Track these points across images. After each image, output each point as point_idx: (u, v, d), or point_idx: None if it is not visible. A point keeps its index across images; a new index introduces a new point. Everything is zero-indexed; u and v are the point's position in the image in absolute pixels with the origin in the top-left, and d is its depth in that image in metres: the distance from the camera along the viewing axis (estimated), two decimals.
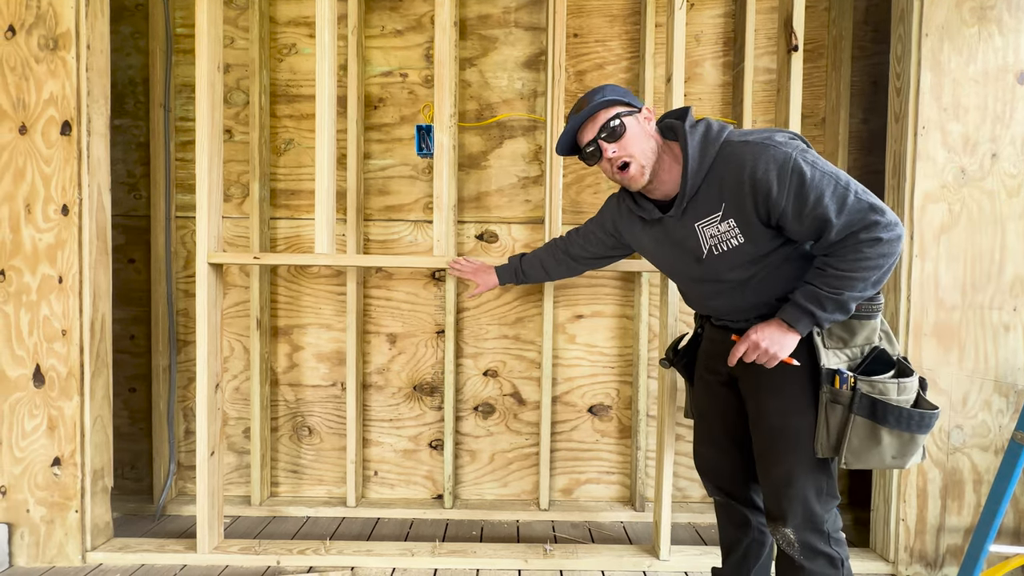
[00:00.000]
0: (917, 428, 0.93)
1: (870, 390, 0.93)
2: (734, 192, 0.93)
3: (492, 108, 1.81)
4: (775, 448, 1.02)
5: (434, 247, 1.47)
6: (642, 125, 1.02)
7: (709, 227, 0.99)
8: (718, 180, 0.96)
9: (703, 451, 1.23)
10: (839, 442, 0.95)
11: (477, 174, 1.83)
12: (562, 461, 1.87)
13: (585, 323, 1.85)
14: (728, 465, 1.18)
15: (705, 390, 1.19)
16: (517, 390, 1.85)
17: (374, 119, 1.82)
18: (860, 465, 0.96)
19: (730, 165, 0.94)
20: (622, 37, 1.81)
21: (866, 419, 0.93)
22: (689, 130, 0.99)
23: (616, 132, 1.00)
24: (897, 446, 0.94)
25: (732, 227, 0.97)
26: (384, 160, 1.82)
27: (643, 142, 1.01)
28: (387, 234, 1.83)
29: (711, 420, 1.19)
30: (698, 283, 1.10)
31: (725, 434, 1.16)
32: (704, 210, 0.99)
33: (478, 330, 1.84)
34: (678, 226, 1.04)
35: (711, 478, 1.22)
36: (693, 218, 1.01)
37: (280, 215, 1.82)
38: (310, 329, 1.84)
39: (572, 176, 1.82)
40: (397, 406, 1.85)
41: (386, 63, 1.81)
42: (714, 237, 0.99)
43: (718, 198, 0.96)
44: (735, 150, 0.94)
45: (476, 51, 1.81)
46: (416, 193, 1.83)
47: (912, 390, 0.95)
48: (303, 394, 1.85)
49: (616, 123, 0.99)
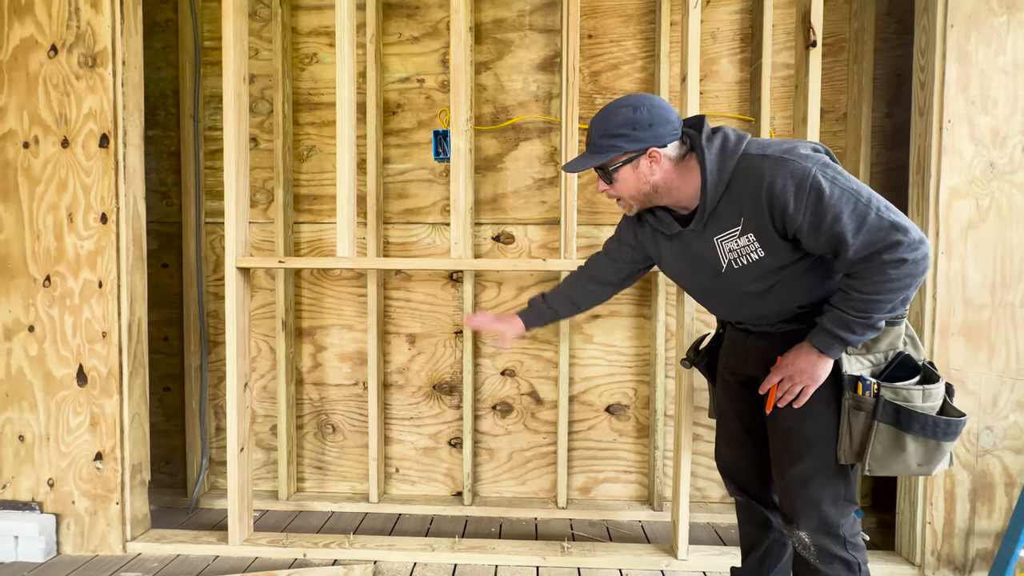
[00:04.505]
0: (943, 436, 0.91)
1: (894, 397, 0.91)
2: (752, 207, 0.92)
3: (507, 111, 1.84)
4: (791, 450, 1.01)
5: (451, 249, 1.50)
6: (640, 171, 1.00)
7: (728, 241, 0.97)
8: (737, 195, 0.94)
9: (724, 450, 1.23)
10: (862, 449, 0.94)
11: (493, 176, 1.85)
12: (580, 460, 1.88)
13: (602, 322, 1.85)
14: (748, 464, 1.17)
15: (725, 389, 1.19)
16: (534, 389, 1.88)
17: (392, 124, 1.86)
18: (884, 472, 0.94)
19: (748, 180, 0.92)
20: (637, 37, 1.81)
21: (890, 426, 0.91)
22: (706, 144, 0.96)
23: (605, 180, 1.04)
24: (923, 453, 0.92)
25: (751, 241, 0.95)
26: (403, 164, 1.87)
27: (635, 186, 1.01)
28: (406, 236, 1.87)
29: (730, 419, 1.19)
30: (717, 296, 1.09)
31: (745, 433, 1.16)
32: (723, 224, 0.97)
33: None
34: (698, 240, 1.02)
35: (732, 477, 1.23)
36: (712, 232, 0.99)
37: (303, 219, 1.88)
38: (333, 330, 1.90)
39: (587, 176, 1.83)
40: (417, 405, 1.90)
41: (404, 69, 1.85)
42: (733, 252, 0.97)
43: (737, 212, 0.94)
44: (753, 164, 0.92)
45: (491, 55, 1.83)
46: (434, 196, 1.86)
47: (938, 397, 0.92)
48: (327, 393, 1.91)
49: (605, 174, 1.03)
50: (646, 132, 0.97)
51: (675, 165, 1.00)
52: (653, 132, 0.97)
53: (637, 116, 0.97)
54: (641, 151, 0.98)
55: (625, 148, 0.98)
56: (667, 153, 0.99)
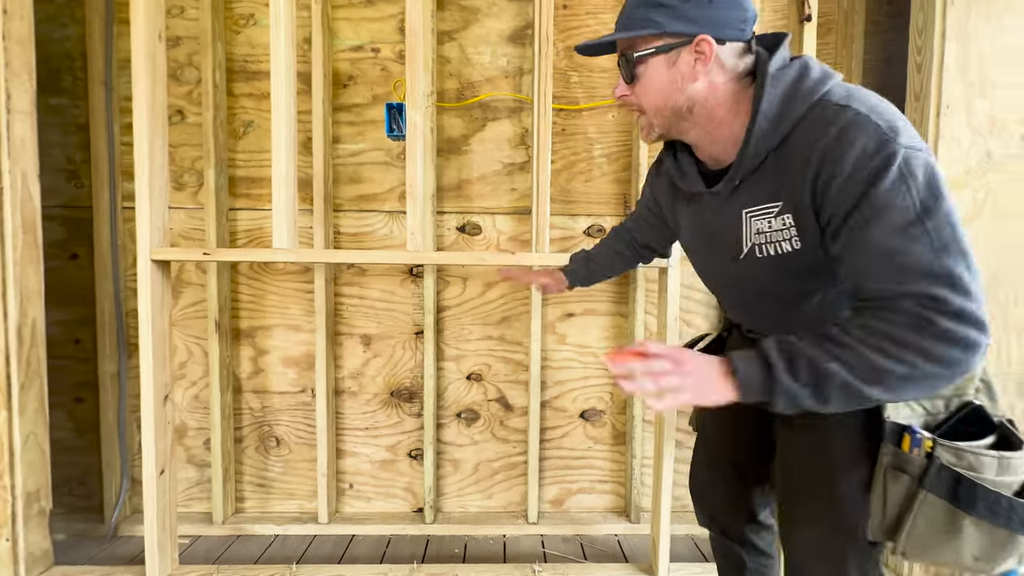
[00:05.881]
0: (1020, 525, 0.64)
1: (954, 461, 0.65)
2: (800, 174, 0.64)
3: (474, 87, 1.65)
4: (800, 507, 0.78)
5: (408, 241, 1.31)
6: (678, 68, 0.69)
7: (759, 219, 0.70)
8: (791, 154, 0.65)
9: (701, 474, 1.03)
10: (898, 524, 0.68)
11: (458, 160, 1.67)
12: (552, 470, 1.74)
13: (576, 322, 1.71)
14: (727, 497, 0.98)
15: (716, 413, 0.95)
16: (503, 395, 1.72)
17: (343, 99, 1.65)
18: (923, 559, 0.69)
19: (811, 134, 0.63)
20: (615, 9, 1.65)
21: (943, 500, 0.66)
22: (773, 74, 0.66)
23: (628, 75, 0.72)
24: (984, 544, 0.66)
25: (788, 226, 0.67)
26: (355, 144, 1.66)
27: (665, 92, 0.70)
28: (359, 226, 1.67)
29: (715, 442, 1.00)
30: (730, 289, 0.84)
31: (729, 463, 0.96)
32: (761, 193, 0.69)
33: (460, 331, 1.69)
34: (722, 208, 0.75)
35: (705, 507, 1.02)
36: (743, 201, 0.71)
37: (240, 205, 1.65)
38: (276, 331, 1.68)
39: (562, 162, 1.67)
40: (373, 413, 1.71)
41: (356, 36, 1.63)
42: (762, 234, 0.70)
43: (783, 181, 0.66)
44: (827, 113, 0.62)
45: (456, 23, 1.64)
46: (391, 181, 1.66)
47: (1019, 470, 0.66)
48: (270, 401, 1.70)
49: (627, 64, 0.71)
50: (702, 10, 0.67)
51: (728, 81, 0.69)
52: (711, 14, 0.67)
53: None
54: (687, 37, 0.67)
55: (664, 26, 0.67)
56: (722, 55, 0.68)
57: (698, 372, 0.62)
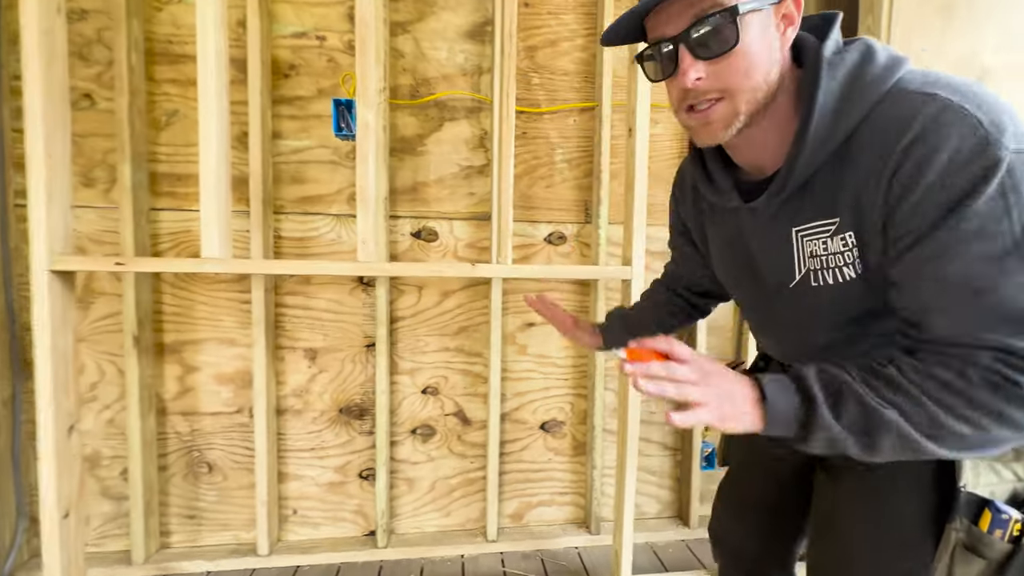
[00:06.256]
0: None
1: None
2: (870, 179, 0.50)
3: (429, 84, 1.55)
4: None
5: (359, 250, 1.20)
6: (768, 33, 0.54)
7: (813, 239, 0.56)
8: (857, 158, 0.51)
9: (727, 522, 0.89)
10: None
11: (412, 161, 1.57)
12: (512, 484, 1.68)
13: (536, 331, 1.66)
14: (755, 549, 0.86)
15: (751, 450, 0.83)
16: (461, 409, 1.64)
17: (285, 90, 1.50)
18: None
19: (884, 131, 0.49)
20: (578, 11, 1.61)
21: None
22: (829, 59, 0.53)
23: (721, 40, 0.52)
24: None
25: (849, 247, 0.54)
26: (299, 141, 1.51)
27: (765, 67, 0.54)
28: (303, 230, 1.53)
29: (746, 489, 0.86)
30: (778, 327, 0.69)
31: (762, 514, 0.83)
32: (815, 208, 0.56)
33: (415, 342, 1.60)
34: (764, 227, 0.62)
35: (730, 555, 0.90)
36: (792, 217, 0.58)
37: (163, 205, 1.47)
38: (207, 345, 1.51)
39: (522, 167, 1.61)
40: (320, 433, 1.58)
41: (299, 22, 1.49)
42: (816, 258, 0.57)
43: (844, 191, 0.53)
44: (906, 105, 0.48)
45: (411, 14, 1.53)
46: (339, 181, 1.54)
47: None
48: (200, 424, 1.53)
49: (723, 24, 0.51)
50: None
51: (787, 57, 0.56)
52: None
53: None
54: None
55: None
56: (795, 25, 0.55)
57: (724, 390, 0.51)
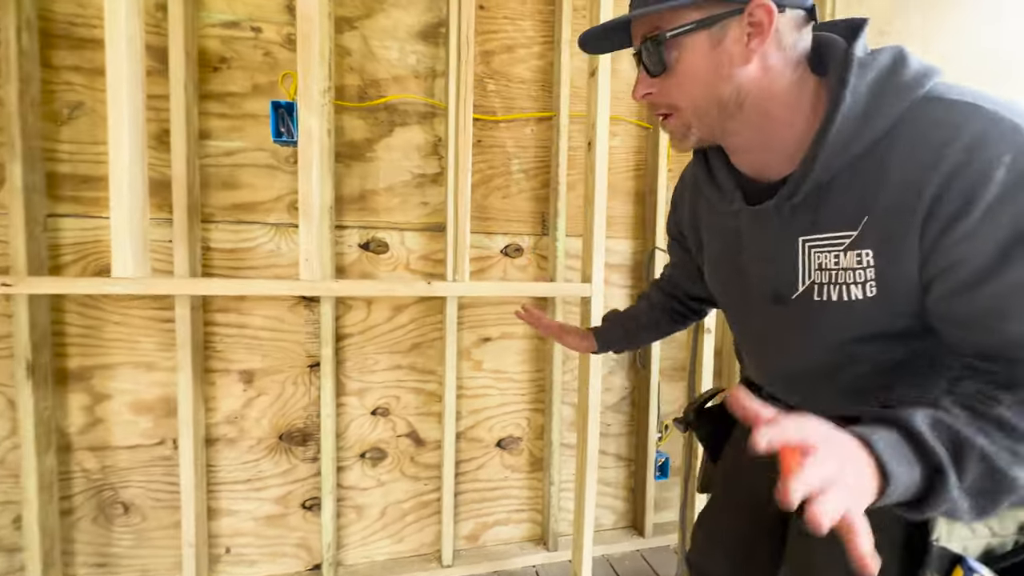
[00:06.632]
0: None
1: None
2: (899, 195, 0.47)
3: (379, 86, 1.45)
4: None
5: (301, 268, 1.09)
6: (724, 48, 0.51)
7: (824, 251, 0.53)
8: (881, 167, 0.48)
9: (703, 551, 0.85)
10: None
11: (361, 167, 1.46)
12: (467, 504, 1.63)
13: (492, 347, 1.61)
14: None
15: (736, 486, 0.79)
16: (414, 429, 1.56)
17: (215, 85, 1.35)
18: None
19: (917, 140, 0.46)
20: (535, 17, 1.57)
21: None
22: (859, 62, 0.50)
23: (655, 63, 0.53)
24: None
25: (864, 265, 0.50)
26: (231, 142, 1.37)
27: (707, 78, 0.52)
28: (237, 241, 1.39)
29: (724, 523, 0.82)
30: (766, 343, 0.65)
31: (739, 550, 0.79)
32: (829, 217, 0.52)
33: (364, 361, 1.50)
34: (768, 233, 0.58)
35: None
36: (803, 225, 0.54)
37: (65, 211, 1.28)
38: (122, 371, 1.34)
39: (478, 176, 1.55)
40: (257, 462, 1.44)
41: (230, 10, 1.34)
42: (825, 271, 0.53)
43: (864, 202, 0.49)
44: (937, 112, 0.46)
45: (358, 10, 1.43)
46: (278, 187, 1.40)
47: None
48: (113, 459, 1.35)
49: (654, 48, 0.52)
50: None
51: (787, 65, 0.52)
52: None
53: None
54: (737, 4, 0.50)
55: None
56: (782, 26, 0.51)
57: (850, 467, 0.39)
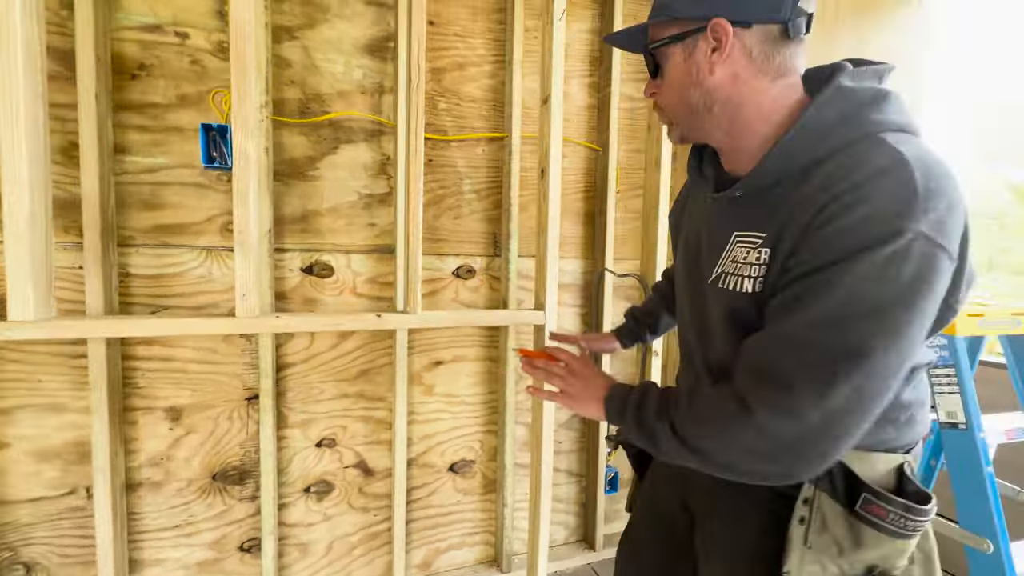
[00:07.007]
0: None
1: None
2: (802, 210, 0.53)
3: (323, 101, 1.38)
4: None
5: (238, 304, 1.01)
6: (694, 60, 0.60)
7: (743, 246, 0.60)
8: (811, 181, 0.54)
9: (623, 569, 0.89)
10: None
11: (302, 186, 1.38)
12: (419, 532, 1.59)
13: (445, 370, 1.58)
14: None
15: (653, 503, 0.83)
16: (362, 459, 1.50)
17: (133, 94, 1.22)
18: None
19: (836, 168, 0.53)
20: (486, 35, 1.54)
21: None
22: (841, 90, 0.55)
23: (652, 65, 0.66)
24: None
25: (761, 262, 0.57)
26: (153, 158, 1.24)
27: (681, 89, 0.62)
28: (161, 266, 1.26)
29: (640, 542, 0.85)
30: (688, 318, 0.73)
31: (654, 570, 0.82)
32: (757, 219, 0.59)
33: (308, 391, 1.42)
34: (719, 221, 0.65)
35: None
36: (737, 221, 0.61)
37: None
38: (23, 415, 1.18)
39: (429, 196, 1.51)
40: (187, 506, 1.33)
41: (151, 12, 1.22)
42: (735, 262, 0.60)
43: (781, 211, 0.56)
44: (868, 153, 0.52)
45: (299, 19, 1.34)
46: (208, 208, 1.29)
47: None
48: (13, 515, 1.19)
49: (650, 55, 0.65)
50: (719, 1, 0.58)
51: (757, 76, 0.59)
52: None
53: None
54: (701, 22, 0.59)
55: (676, 11, 0.60)
56: (747, 40, 0.58)
57: (583, 384, 0.71)
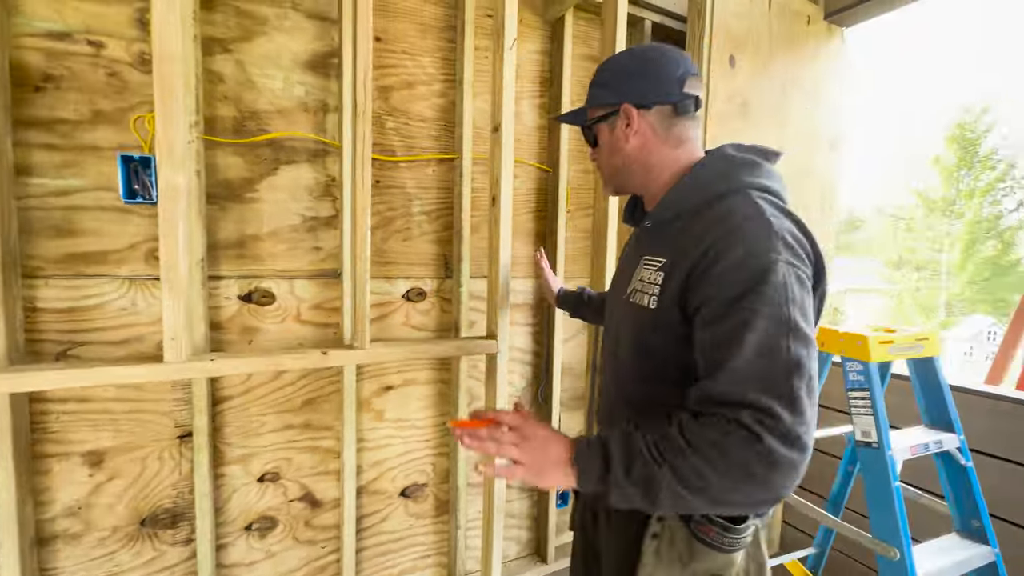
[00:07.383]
0: None
1: None
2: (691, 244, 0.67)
3: (260, 119, 1.30)
4: None
5: (166, 349, 0.94)
6: (615, 134, 0.80)
7: (648, 267, 0.74)
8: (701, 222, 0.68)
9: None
10: None
11: (239, 210, 1.30)
12: (370, 560, 1.56)
13: (395, 395, 1.55)
14: None
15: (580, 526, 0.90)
16: (309, 491, 1.44)
17: (39, 110, 1.09)
18: None
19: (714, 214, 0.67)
20: (435, 54, 1.51)
21: None
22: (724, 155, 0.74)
23: (590, 137, 0.87)
24: None
25: (659, 282, 0.70)
26: (63, 180, 1.12)
27: (609, 155, 0.83)
28: (76, 299, 1.15)
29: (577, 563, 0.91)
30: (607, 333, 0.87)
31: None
32: (661, 246, 0.73)
33: (248, 424, 1.35)
34: (635, 247, 0.83)
35: None
36: (645, 247, 0.78)
37: None
38: None
39: (377, 219, 1.46)
40: (111, 555, 1.23)
41: (58, 19, 1.10)
42: (642, 282, 0.74)
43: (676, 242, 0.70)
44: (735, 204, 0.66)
45: (233, 31, 1.25)
46: (132, 234, 1.19)
47: None
48: None
49: (587, 130, 0.86)
50: (624, 83, 0.79)
51: (663, 142, 0.78)
52: (633, 85, 0.78)
53: (625, 62, 0.80)
54: (615, 107, 0.80)
55: (600, 99, 0.82)
56: (650, 117, 0.78)
57: (540, 451, 0.63)
